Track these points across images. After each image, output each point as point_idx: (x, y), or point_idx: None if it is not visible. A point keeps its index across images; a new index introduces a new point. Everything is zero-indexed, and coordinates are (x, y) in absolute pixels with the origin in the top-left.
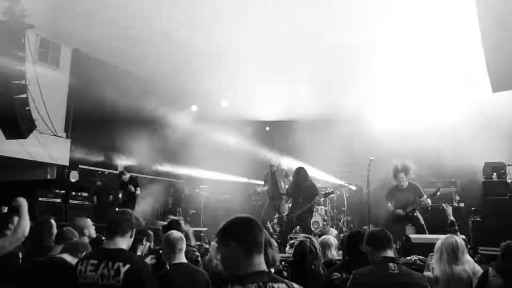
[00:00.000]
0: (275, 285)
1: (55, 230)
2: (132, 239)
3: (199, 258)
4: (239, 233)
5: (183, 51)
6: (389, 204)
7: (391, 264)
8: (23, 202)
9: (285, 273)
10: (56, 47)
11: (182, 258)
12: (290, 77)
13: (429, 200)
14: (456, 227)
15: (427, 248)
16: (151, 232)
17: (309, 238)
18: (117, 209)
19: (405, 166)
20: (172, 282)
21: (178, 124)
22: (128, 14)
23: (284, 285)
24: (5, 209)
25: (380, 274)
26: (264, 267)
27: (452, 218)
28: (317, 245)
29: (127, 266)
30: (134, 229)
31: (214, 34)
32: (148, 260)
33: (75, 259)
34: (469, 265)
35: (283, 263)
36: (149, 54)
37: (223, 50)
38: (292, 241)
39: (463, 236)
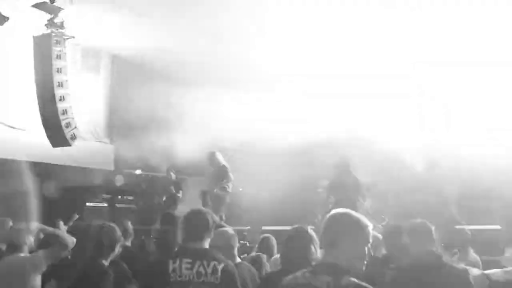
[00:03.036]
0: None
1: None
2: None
3: None
4: None
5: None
6: None
7: (430, 258)
8: (38, 227)
9: None
10: (96, 54)
11: None
12: None
13: None
14: None
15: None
16: None
17: None
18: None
19: None
20: None
21: None
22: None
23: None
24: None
25: (418, 268)
26: None
27: None
28: None
29: (222, 264)
30: (213, 229)
31: None
32: None
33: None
34: None
35: None
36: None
37: None
38: None
39: None
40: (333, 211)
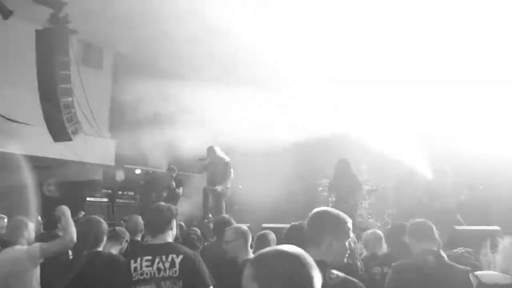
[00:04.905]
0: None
1: (105, 228)
2: (175, 228)
3: None
4: None
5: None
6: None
7: (430, 257)
8: (65, 210)
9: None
10: (99, 50)
11: None
12: None
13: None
14: None
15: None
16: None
17: None
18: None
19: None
20: None
21: None
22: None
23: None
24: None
25: (418, 267)
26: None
27: None
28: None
29: (181, 256)
30: (174, 220)
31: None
32: None
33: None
34: None
35: None
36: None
37: None
38: None
39: None
40: (314, 210)
